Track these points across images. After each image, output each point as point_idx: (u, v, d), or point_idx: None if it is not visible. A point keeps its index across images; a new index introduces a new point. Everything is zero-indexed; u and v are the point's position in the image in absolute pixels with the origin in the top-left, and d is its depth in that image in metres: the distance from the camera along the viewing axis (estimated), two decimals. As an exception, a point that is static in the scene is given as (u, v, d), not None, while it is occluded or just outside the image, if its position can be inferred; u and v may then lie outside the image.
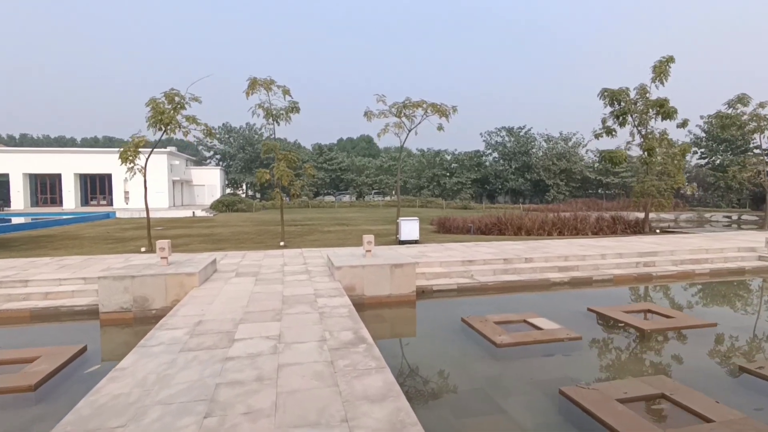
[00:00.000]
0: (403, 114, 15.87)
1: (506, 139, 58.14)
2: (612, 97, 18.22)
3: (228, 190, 56.00)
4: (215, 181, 50.79)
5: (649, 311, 8.06)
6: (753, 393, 5.14)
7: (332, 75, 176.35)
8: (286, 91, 15.51)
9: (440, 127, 16.24)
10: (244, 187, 61.01)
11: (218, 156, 62.40)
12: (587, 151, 53.93)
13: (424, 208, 48.22)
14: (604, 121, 19.10)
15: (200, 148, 63.95)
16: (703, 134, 45.13)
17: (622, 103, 18.10)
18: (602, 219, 19.17)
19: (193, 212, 34.83)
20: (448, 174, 58.67)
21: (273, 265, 10.71)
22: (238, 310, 6.64)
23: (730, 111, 20.40)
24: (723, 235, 16.36)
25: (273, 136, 16.24)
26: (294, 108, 15.66)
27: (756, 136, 21.97)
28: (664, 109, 17.26)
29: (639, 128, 18.51)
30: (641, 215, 19.87)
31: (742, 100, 19.72)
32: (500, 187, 56.58)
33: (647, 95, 18.02)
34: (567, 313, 8.51)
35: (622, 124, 18.41)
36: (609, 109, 18.77)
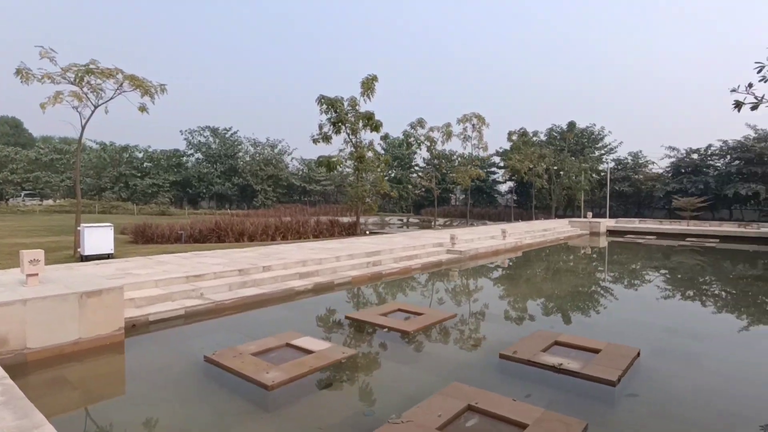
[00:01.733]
0: (86, 83, 11.57)
1: (210, 140, 54.48)
2: (329, 104, 18.96)
3: None
4: None
5: (400, 310, 7.99)
6: (515, 379, 5.32)
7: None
8: None
9: (143, 108, 12.75)
10: None
11: None
12: (292, 159, 56.79)
13: (108, 214, 39.48)
14: (321, 127, 19.69)
15: None
16: (383, 151, 54.80)
17: (338, 111, 19.09)
18: (321, 222, 19.66)
19: None
20: (139, 174, 50.12)
21: None
22: None
23: (412, 131, 24.98)
24: (415, 233, 19.42)
25: None
26: None
27: (416, 156, 27.46)
28: (372, 122, 19.18)
29: (351, 137, 19.99)
30: (350, 219, 21.54)
31: (421, 123, 24.45)
32: (204, 191, 52.43)
33: (357, 107, 19.63)
34: (326, 324, 7.55)
35: (337, 132, 19.41)
36: (325, 116, 19.49)
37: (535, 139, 41.14)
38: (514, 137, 36.70)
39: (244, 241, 16.65)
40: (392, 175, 49.15)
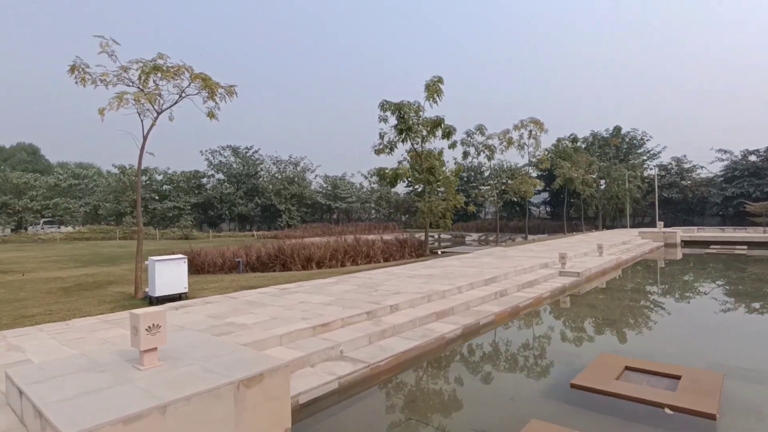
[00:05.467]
0: (152, 82, 9.52)
1: (231, 159, 52.71)
2: (395, 110, 16.88)
3: None
4: None
5: (630, 369, 5.64)
6: None
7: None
8: None
9: (212, 114, 10.70)
10: None
11: None
12: (316, 176, 54.87)
13: (129, 240, 37.44)
14: (382, 135, 17.60)
15: None
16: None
17: (405, 117, 17.00)
18: (388, 243, 17.41)
19: None
20: (158, 197, 48.34)
21: None
22: None
23: (469, 138, 22.86)
24: (495, 251, 17.08)
25: None
26: None
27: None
28: (444, 128, 17.07)
29: (416, 146, 17.87)
30: (420, 237, 19.29)
31: (480, 129, 22.35)
32: (227, 212, 50.44)
33: (422, 113, 17.55)
34: (550, 399, 5.18)
35: (404, 141, 17.31)
36: (386, 124, 17.42)
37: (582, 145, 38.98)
38: (565, 143, 34.49)
39: (312, 268, 14.41)
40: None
